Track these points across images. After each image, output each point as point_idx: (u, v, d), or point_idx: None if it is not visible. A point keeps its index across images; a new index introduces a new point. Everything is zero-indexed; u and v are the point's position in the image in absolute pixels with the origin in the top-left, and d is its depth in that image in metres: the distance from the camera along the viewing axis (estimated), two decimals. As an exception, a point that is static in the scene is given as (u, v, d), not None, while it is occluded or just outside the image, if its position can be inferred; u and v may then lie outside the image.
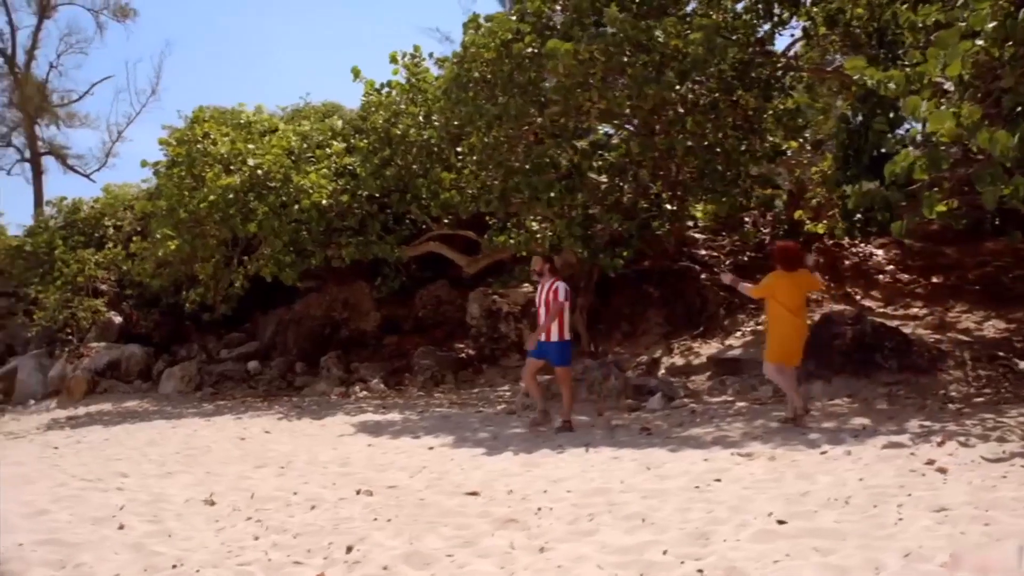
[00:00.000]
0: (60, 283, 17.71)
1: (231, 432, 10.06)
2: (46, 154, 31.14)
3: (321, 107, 18.79)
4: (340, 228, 14.75)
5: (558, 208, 11.96)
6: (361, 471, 6.80)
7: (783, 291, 8.10)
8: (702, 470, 5.79)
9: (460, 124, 12.30)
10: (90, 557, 4.33)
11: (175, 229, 14.16)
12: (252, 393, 15.78)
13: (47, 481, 6.85)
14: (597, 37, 9.72)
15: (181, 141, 14.62)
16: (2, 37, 30.30)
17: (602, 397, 11.22)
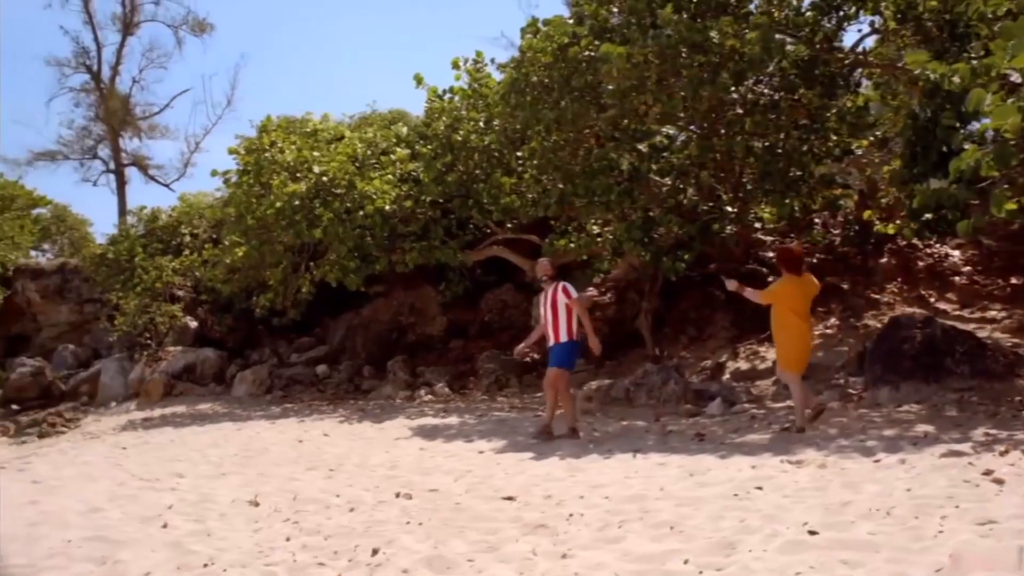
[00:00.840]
0: (140, 289, 18.36)
1: (291, 435, 10.26)
2: (129, 165, 32.38)
3: (387, 114, 19.04)
4: (404, 233, 14.91)
5: (618, 211, 11.86)
6: (406, 474, 6.84)
7: (792, 296, 7.96)
8: (746, 477, 5.65)
9: (518, 129, 12.29)
10: (129, 554, 4.47)
11: (243, 236, 14.53)
12: (320, 396, 16.05)
13: (108, 480, 7.09)
14: (651, 39, 9.59)
15: (249, 150, 15.01)
16: (89, 55, 31.73)
17: (661, 402, 11.08)
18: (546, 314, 8.66)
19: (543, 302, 8.78)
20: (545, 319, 8.68)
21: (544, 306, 8.73)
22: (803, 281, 8.00)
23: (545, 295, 8.76)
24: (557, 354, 8.64)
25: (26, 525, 5.45)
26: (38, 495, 6.59)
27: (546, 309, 8.66)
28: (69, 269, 23.82)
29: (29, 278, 23.96)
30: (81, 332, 22.93)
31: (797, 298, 7.93)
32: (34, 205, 31.98)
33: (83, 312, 23.20)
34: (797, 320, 7.90)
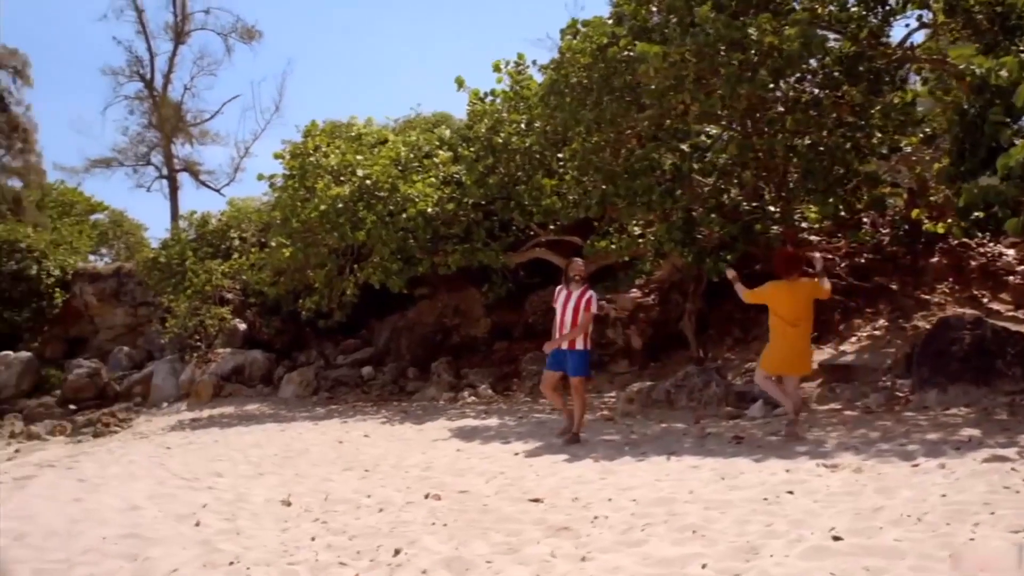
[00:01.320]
0: (190, 292, 18.74)
1: (332, 435, 10.37)
2: (181, 171, 33.09)
3: (431, 117, 19.16)
4: (446, 236, 14.97)
5: (659, 212, 11.77)
6: (439, 476, 6.88)
7: (778, 300, 7.97)
8: (778, 481, 5.57)
9: (558, 130, 12.27)
10: (159, 552, 4.56)
11: (288, 238, 14.73)
12: (365, 398, 16.21)
13: (149, 479, 7.25)
14: (688, 37, 9.50)
15: (294, 154, 15.21)
16: (142, 63, 32.52)
17: (702, 404, 10.97)
18: (564, 317, 8.56)
19: (565, 301, 8.65)
20: (563, 322, 8.57)
21: (566, 307, 8.60)
22: (794, 285, 7.97)
23: (569, 295, 8.65)
24: (578, 362, 8.59)
25: (67, 521, 5.60)
26: (82, 493, 6.76)
27: (567, 312, 8.56)
28: (124, 273, 24.44)
29: (87, 282, 24.65)
30: (136, 334, 23.51)
31: (783, 302, 7.93)
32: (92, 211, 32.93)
33: (137, 315, 23.78)
34: (781, 324, 7.91)
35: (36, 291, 23.91)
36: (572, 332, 8.47)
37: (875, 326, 12.89)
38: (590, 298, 8.60)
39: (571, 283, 8.74)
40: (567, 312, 8.54)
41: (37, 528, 5.45)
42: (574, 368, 8.53)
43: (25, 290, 23.78)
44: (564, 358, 8.57)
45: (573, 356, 8.51)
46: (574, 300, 8.56)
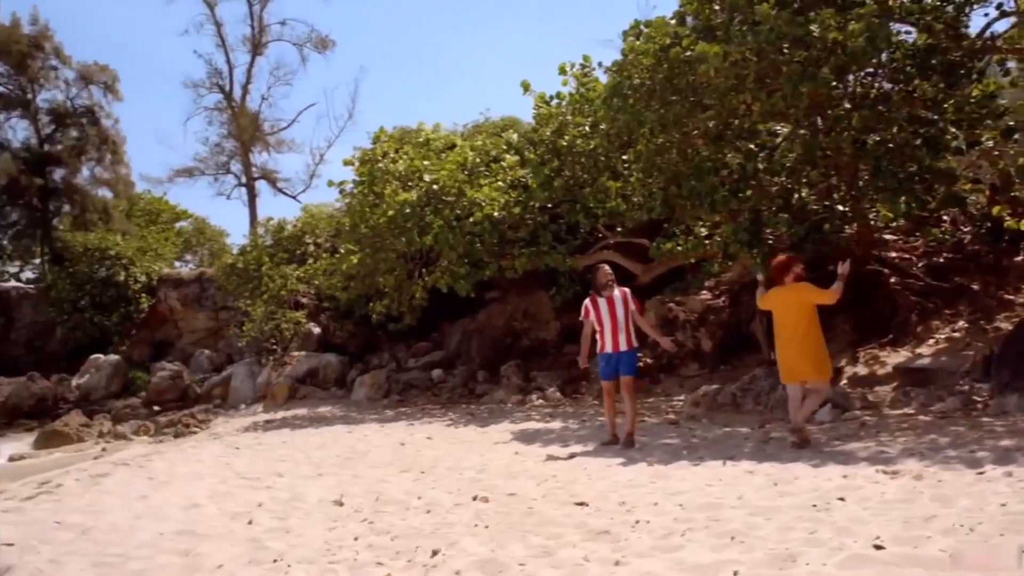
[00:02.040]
0: (266, 297, 19.24)
1: (396, 438, 10.51)
2: (259, 179, 34.04)
3: (499, 121, 19.25)
4: (513, 239, 15.02)
5: (725, 213, 11.58)
6: (492, 478, 6.91)
7: (776, 306, 8.01)
8: (832, 487, 5.42)
9: (621, 132, 12.19)
10: (209, 548, 4.71)
11: (358, 244, 14.98)
12: (434, 401, 16.38)
13: (213, 478, 7.48)
14: (749, 36, 9.33)
15: (363, 161, 15.48)
16: (221, 75, 33.61)
17: (769, 408, 10.76)
18: (615, 320, 8.53)
19: (609, 307, 8.61)
20: (615, 325, 8.56)
21: (613, 311, 8.57)
22: (788, 290, 7.93)
23: (610, 301, 8.62)
24: (631, 361, 8.60)
25: (130, 517, 5.83)
26: (149, 490, 7.02)
27: (616, 315, 8.53)
28: (206, 278, 25.29)
29: (171, 287, 25.60)
30: (217, 338, 24.29)
31: (779, 307, 7.97)
32: (177, 219, 34.14)
33: (218, 319, 24.57)
34: (779, 329, 7.97)
35: (124, 296, 24.95)
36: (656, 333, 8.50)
37: (954, 328, 12.43)
38: (633, 296, 8.58)
39: (604, 289, 8.71)
40: (616, 315, 8.52)
41: (102, 523, 5.69)
42: (628, 367, 8.51)
43: (114, 295, 24.84)
44: (617, 360, 8.53)
45: (629, 356, 8.49)
46: (620, 303, 8.53)
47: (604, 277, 8.87)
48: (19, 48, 28.02)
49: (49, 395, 21.23)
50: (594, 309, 8.77)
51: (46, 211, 28.68)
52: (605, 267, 9.22)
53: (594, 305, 8.79)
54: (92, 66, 29.46)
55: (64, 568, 4.57)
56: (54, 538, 5.34)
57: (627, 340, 8.51)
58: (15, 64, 28.25)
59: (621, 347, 8.52)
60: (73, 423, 17.44)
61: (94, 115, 29.48)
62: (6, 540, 5.30)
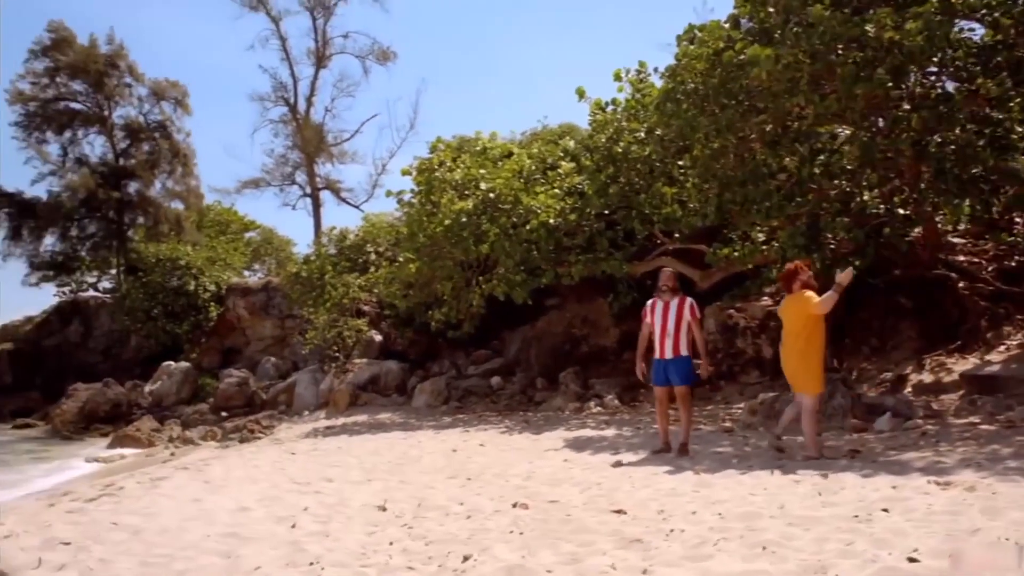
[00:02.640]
0: (329, 305, 19.59)
1: (449, 444, 10.59)
2: (323, 189, 34.77)
3: (556, 129, 19.28)
4: (569, 246, 15.02)
5: (781, 218, 11.40)
6: (537, 485, 6.92)
7: (782, 314, 8.02)
8: (878, 498, 5.29)
9: (673, 138, 12.11)
10: (251, 550, 4.83)
11: (415, 253, 15.15)
12: (492, 408, 16.45)
13: (266, 483, 7.65)
14: (801, 38, 9.18)
15: (420, 170, 15.65)
16: (286, 89, 34.44)
17: (826, 416, 10.52)
18: (667, 326, 8.44)
19: (663, 312, 8.53)
20: (665, 331, 8.46)
21: (666, 317, 8.48)
22: (793, 299, 7.84)
23: (667, 306, 8.53)
24: (683, 370, 8.48)
25: (181, 519, 6.01)
26: (204, 493, 7.23)
27: (668, 321, 8.44)
28: (272, 287, 25.87)
29: (239, 296, 26.25)
30: (283, 345, 24.80)
31: (785, 316, 7.96)
32: (246, 229, 35.00)
33: (284, 327, 25.10)
34: (784, 338, 7.95)
35: (194, 305, 25.71)
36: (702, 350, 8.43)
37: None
38: (692, 304, 8.48)
39: (663, 293, 8.62)
40: (668, 321, 8.43)
41: (155, 524, 5.88)
42: (679, 376, 8.41)
43: (185, 304, 25.61)
44: (668, 368, 8.45)
45: (677, 364, 8.39)
46: (674, 309, 8.44)
47: (663, 280, 8.82)
48: (96, 67, 29.21)
49: (123, 401, 21.97)
50: (651, 312, 8.73)
51: (121, 223, 29.79)
52: (667, 270, 9.18)
53: (652, 308, 8.75)
54: (164, 82, 30.54)
55: (112, 567, 4.74)
56: (108, 538, 5.53)
57: (674, 347, 8.41)
58: (93, 83, 29.47)
59: (667, 354, 8.44)
60: (145, 428, 18.03)
61: (166, 130, 30.56)
62: (64, 539, 5.53)
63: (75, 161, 30.11)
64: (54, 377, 26.69)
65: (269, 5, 33.88)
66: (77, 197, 28.76)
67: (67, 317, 29.05)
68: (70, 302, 29.58)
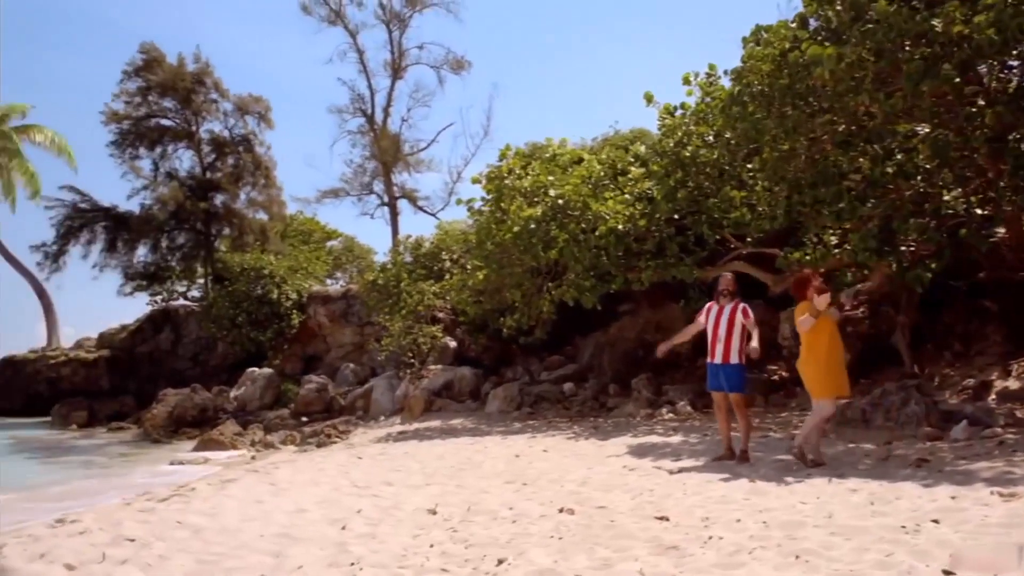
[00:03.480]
0: (404, 312, 19.91)
1: (514, 450, 10.66)
2: (400, 198, 35.29)
3: (628, 134, 19.20)
4: (639, 252, 14.94)
5: (851, 220, 11.12)
6: (590, 491, 6.93)
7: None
8: (933, 508, 5.14)
9: (740, 141, 11.94)
10: (298, 550, 4.99)
11: (484, 260, 15.29)
12: (564, 414, 16.46)
13: (327, 486, 7.86)
14: (866, 35, 8.95)
15: (490, 178, 15.80)
16: (364, 100, 35.14)
17: (899, 424, 10.23)
18: (718, 330, 8.36)
19: (717, 316, 8.46)
20: (716, 335, 8.39)
21: (719, 321, 8.41)
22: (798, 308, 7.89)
23: (721, 310, 8.46)
24: (734, 377, 8.41)
25: (241, 520, 6.24)
26: (267, 496, 7.47)
27: (720, 326, 8.36)
28: (351, 295, 26.43)
29: (320, 303, 26.91)
30: (361, 352, 25.30)
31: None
32: (328, 238, 35.84)
33: (363, 334, 25.61)
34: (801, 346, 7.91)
35: (277, 313, 26.45)
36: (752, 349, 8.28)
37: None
38: (745, 307, 8.39)
39: (721, 297, 8.54)
40: (720, 326, 8.37)
41: (215, 524, 6.12)
42: (731, 384, 8.33)
43: (268, 312, 26.38)
44: (719, 373, 8.38)
45: (727, 370, 8.33)
46: (727, 313, 8.36)
47: (721, 284, 8.77)
48: (184, 85, 30.40)
49: (209, 405, 22.74)
50: (706, 314, 8.69)
51: (209, 234, 30.90)
52: (727, 275, 9.11)
53: (707, 311, 8.72)
54: (247, 97, 31.58)
55: (169, 563, 4.97)
56: (170, 536, 5.79)
57: (725, 353, 8.35)
58: (181, 100, 30.68)
59: (717, 359, 8.41)
60: (228, 432, 18.65)
61: (249, 143, 31.60)
62: (130, 536, 5.80)
63: (165, 175, 31.40)
64: (147, 382, 27.85)
65: (347, 19, 34.71)
66: (167, 210, 29.96)
67: (159, 325, 30.26)
68: (161, 311, 30.80)
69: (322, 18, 34.63)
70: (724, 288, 8.65)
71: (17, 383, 30.06)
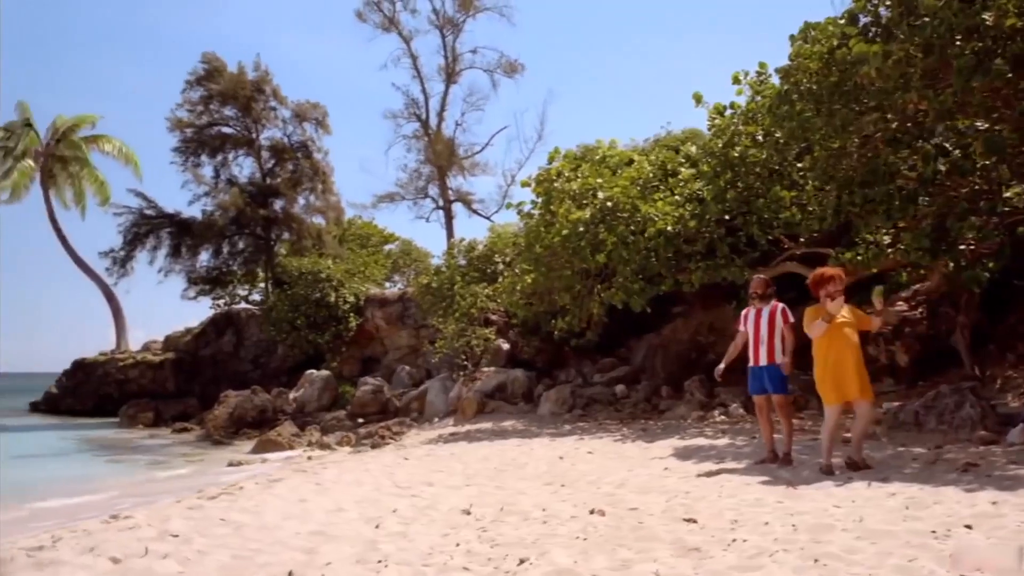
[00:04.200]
0: (458, 315, 20.07)
1: (559, 451, 10.68)
2: (455, 201, 35.59)
3: (679, 135, 19.06)
4: (689, 253, 14.83)
5: (902, 219, 10.89)
6: (625, 492, 6.93)
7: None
8: (967, 514, 5.02)
9: (788, 140, 11.78)
10: (330, 548, 5.12)
11: (533, 263, 15.34)
12: (615, 416, 16.41)
13: (370, 486, 8.00)
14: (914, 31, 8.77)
15: (539, 181, 15.84)
16: (418, 105, 35.57)
17: (953, 427, 9.98)
18: (759, 333, 8.28)
19: (756, 320, 8.38)
20: (758, 338, 8.31)
21: (758, 325, 8.32)
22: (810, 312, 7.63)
23: (759, 313, 8.37)
24: (777, 378, 8.29)
25: (281, 518, 6.40)
26: (310, 494, 7.63)
27: (760, 328, 8.27)
28: (408, 298, 26.73)
29: (377, 306, 27.28)
30: (418, 354, 25.57)
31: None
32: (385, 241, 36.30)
33: (419, 336, 25.88)
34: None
35: (335, 316, 26.88)
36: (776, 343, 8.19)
37: None
38: (784, 308, 8.30)
39: (754, 301, 8.47)
40: (761, 328, 8.30)
41: (256, 521, 6.29)
42: (774, 385, 8.25)
43: (326, 315, 26.83)
44: (763, 375, 8.30)
45: (770, 371, 8.24)
46: (766, 316, 8.28)
47: (753, 287, 8.67)
48: (245, 93, 31.16)
49: (269, 407, 23.22)
50: (744, 321, 8.63)
51: (268, 238, 31.58)
52: (758, 277, 9.00)
53: (745, 317, 8.65)
54: (305, 104, 32.21)
55: (207, 557, 5.13)
56: (212, 532, 5.97)
57: (769, 354, 8.27)
58: (242, 108, 31.45)
59: (762, 361, 8.33)
60: (286, 433, 19.01)
61: (307, 149, 32.23)
62: (174, 532, 6.00)
63: (226, 182, 32.21)
64: (210, 384, 28.58)
65: (401, 26, 35.16)
66: (228, 215, 30.71)
67: (221, 328, 31.01)
68: (224, 314, 31.56)
69: (377, 25, 35.17)
70: (755, 291, 8.59)
71: (88, 385, 31.16)
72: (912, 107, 9.64)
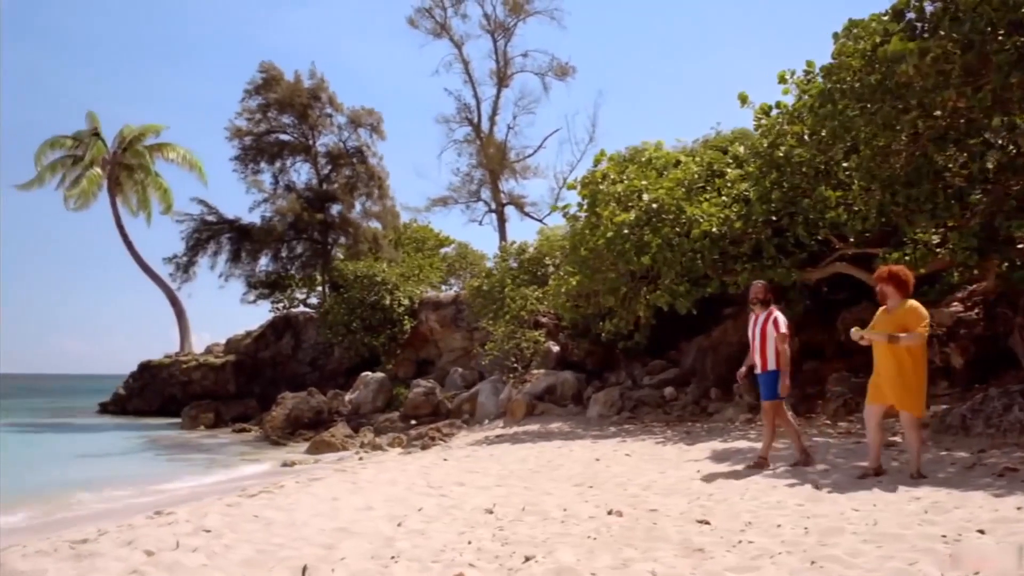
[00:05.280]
0: (508, 317, 20.21)
1: (597, 453, 10.73)
2: (507, 204, 35.77)
3: (728, 135, 18.89)
4: (735, 255, 14.72)
5: (947, 219, 10.68)
6: (650, 494, 6.97)
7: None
8: (986, 519, 4.94)
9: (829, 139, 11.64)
10: (349, 544, 5.28)
11: (577, 266, 15.38)
12: (663, 418, 16.34)
13: (402, 486, 8.16)
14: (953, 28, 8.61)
15: (585, 184, 15.88)
16: (470, 109, 35.90)
17: (1000, 431, 9.73)
18: (754, 341, 8.26)
19: (751, 326, 8.36)
20: (753, 346, 8.31)
21: (754, 332, 8.30)
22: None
23: (756, 319, 8.33)
24: (766, 385, 8.31)
25: (311, 515, 6.59)
26: (344, 493, 7.83)
27: (755, 336, 8.25)
28: (461, 300, 26.98)
29: (431, 309, 27.59)
30: (470, 356, 25.77)
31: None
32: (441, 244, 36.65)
33: (472, 339, 26.09)
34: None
35: (390, 319, 27.27)
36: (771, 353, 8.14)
37: None
38: (776, 319, 8.21)
39: (753, 306, 8.43)
40: (755, 336, 8.30)
41: (286, 518, 6.50)
42: (764, 391, 8.23)
43: (381, 318, 27.23)
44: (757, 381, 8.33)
45: (763, 378, 8.23)
46: (760, 323, 8.27)
47: (753, 293, 8.64)
48: (301, 101, 31.82)
49: (324, 408, 23.68)
50: (748, 327, 8.64)
51: (325, 243, 32.17)
52: (757, 283, 8.96)
53: (748, 323, 8.66)
54: (360, 111, 32.75)
55: (233, 551, 5.34)
56: (243, 528, 6.19)
57: (762, 362, 8.28)
58: (299, 115, 32.12)
59: (757, 368, 8.33)
60: (339, 434, 19.38)
61: (363, 154, 32.75)
62: (207, 527, 6.24)
63: (284, 188, 32.92)
64: (269, 386, 29.26)
65: (452, 31, 35.52)
66: (286, 221, 31.37)
67: (280, 331, 31.70)
68: (282, 317, 32.26)
69: (428, 31, 35.61)
70: (753, 297, 8.55)
71: (153, 386, 32.17)
72: (951, 104, 9.46)
